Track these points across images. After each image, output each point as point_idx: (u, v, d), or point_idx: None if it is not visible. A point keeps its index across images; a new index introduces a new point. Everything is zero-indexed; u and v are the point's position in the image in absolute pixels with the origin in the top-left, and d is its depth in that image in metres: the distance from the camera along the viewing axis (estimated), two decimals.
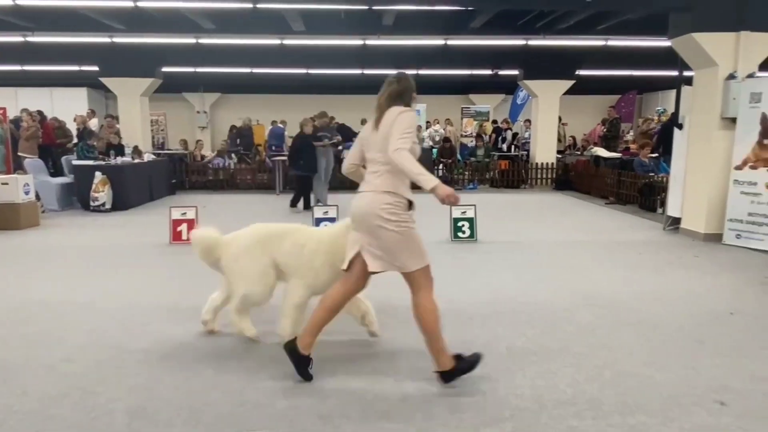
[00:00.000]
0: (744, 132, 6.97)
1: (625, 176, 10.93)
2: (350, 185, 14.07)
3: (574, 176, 13.49)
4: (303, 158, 9.67)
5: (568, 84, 13.80)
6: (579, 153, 15.06)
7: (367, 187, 3.11)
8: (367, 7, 8.48)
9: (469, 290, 5.05)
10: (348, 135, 15.79)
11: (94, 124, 13.99)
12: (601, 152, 13.15)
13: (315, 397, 3.04)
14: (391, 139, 2.93)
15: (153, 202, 11.01)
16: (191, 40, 11.66)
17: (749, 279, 5.47)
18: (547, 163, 14.16)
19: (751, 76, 7.01)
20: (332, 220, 7.24)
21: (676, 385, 3.20)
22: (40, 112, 12.59)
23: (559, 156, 14.72)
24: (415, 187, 3.02)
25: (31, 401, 3.00)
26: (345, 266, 3.26)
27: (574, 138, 17.44)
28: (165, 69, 13.77)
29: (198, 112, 20.44)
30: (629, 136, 15.89)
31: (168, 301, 4.71)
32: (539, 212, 9.99)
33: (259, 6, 8.03)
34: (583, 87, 14.91)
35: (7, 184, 8.11)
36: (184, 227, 7.04)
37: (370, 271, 3.15)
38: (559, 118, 15.17)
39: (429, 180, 2.89)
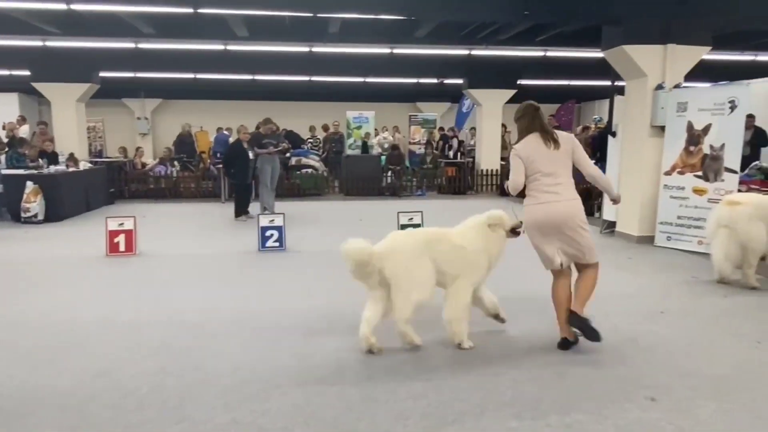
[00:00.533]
0: (672, 139, 7.38)
1: None
2: (298, 193, 13.95)
3: None
4: (235, 166, 9.53)
5: (510, 93, 14.23)
6: None
7: (557, 197, 3.72)
8: (312, 14, 8.45)
9: None
10: (297, 142, 15.72)
11: (24, 131, 13.25)
12: None
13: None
14: (584, 158, 3.81)
15: (90, 213, 10.54)
16: (130, 45, 11.25)
17: (678, 279, 5.78)
18: (492, 170, 14.51)
19: (677, 86, 7.44)
20: (279, 228, 7.15)
21: (610, 382, 3.33)
22: None
23: (504, 163, 15.11)
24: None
25: None
26: (557, 265, 3.81)
27: None
28: (103, 74, 13.24)
29: (138, 118, 19.75)
30: None
31: (102, 317, 4.51)
32: None
33: (200, 11, 7.85)
34: (524, 96, 15.26)
35: None
36: (121, 238, 6.77)
37: (563, 266, 3.81)
38: (503, 126, 15.60)
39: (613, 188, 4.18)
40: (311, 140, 16.27)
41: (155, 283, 5.60)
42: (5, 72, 13.97)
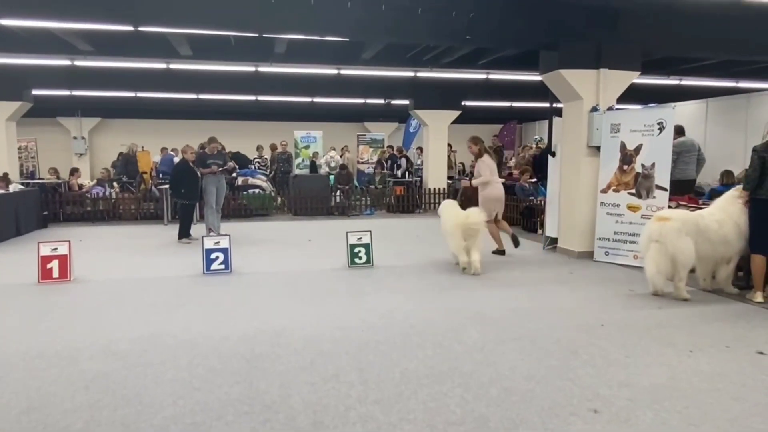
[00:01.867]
0: (607, 159, 7.74)
1: (508, 200, 11.62)
2: (245, 213, 13.78)
3: (464, 200, 14.13)
4: (185, 186, 9.31)
5: (455, 114, 14.58)
6: (467, 178, 15.85)
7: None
8: (257, 35, 8.40)
9: (363, 316, 5.07)
10: (243, 162, 15.48)
11: None
12: None
13: None
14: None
15: (20, 237, 9.95)
16: (66, 62, 10.83)
17: (616, 292, 6.02)
18: (439, 188, 14.76)
19: (610, 108, 7.84)
20: (224, 250, 6.97)
21: (554, 396, 3.40)
22: None
23: (450, 181, 15.41)
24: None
25: None
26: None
27: (463, 164, 18.37)
28: (36, 92, 12.65)
29: (75, 137, 18.94)
30: (512, 163, 17.03)
31: (30, 348, 4.23)
32: (432, 236, 10.32)
33: (141, 29, 7.65)
34: (469, 116, 15.82)
35: None
36: (54, 264, 6.42)
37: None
38: (449, 146, 15.93)
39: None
40: (258, 160, 16.07)
41: (91, 310, 5.32)
42: None
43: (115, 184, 13.94)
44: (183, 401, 3.33)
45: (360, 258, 7.34)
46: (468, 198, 8.84)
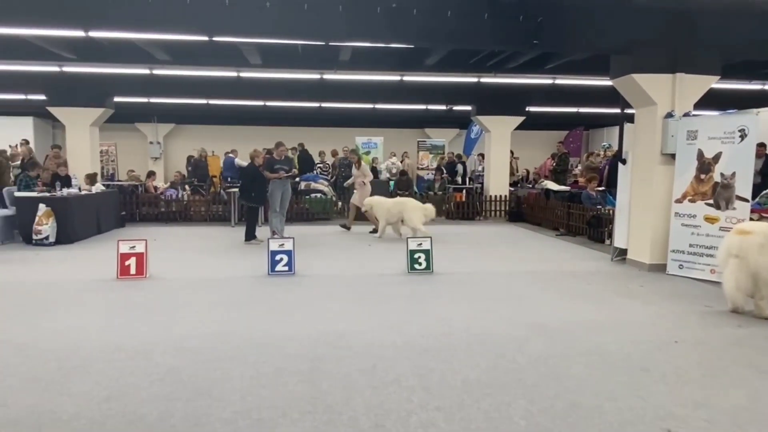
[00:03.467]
0: (682, 167, 7.36)
1: (574, 209, 11.31)
2: (307, 217, 14.04)
3: (527, 208, 13.87)
4: (255, 190, 9.64)
5: (518, 120, 14.32)
6: (531, 186, 15.52)
7: None
8: (324, 43, 8.60)
9: (423, 322, 5.06)
10: (309, 162, 15.90)
11: (24, 154, 13.39)
12: (551, 185, 13.61)
13: None
14: None
15: (101, 235, 10.62)
16: (145, 71, 11.51)
17: (691, 308, 5.70)
18: (500, 196, 14.52)
19: (687, 114, 7.46)
20: (288, 252, 7.17)
21: (624, 414, 3.26)
22: None
23: (512, 189, 15.13)
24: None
25: None
26: None
27: (527, 171, 17.99)
28: (117, 99, 13.49)
29: (151, 142, 20.03)
30: (577, 170, 16.53)
31: (111, 341, 4.51)
32: (493, 243, 10.18)
33: (215, 39, 8.02)
34: (533, 122, 15.50)
35: None
36: (132, 261, 6.80)
37: None
38: (511, 152, 15.66)
39: None
40: (321, 165, 16.40)
41: (164, 306, 5.60)
42: (21, 96, 14.27)
43: (186, 186, 14.61)
44: (251, 397, 3.44)
45: (420, 264, 7.33)
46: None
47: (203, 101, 15.43)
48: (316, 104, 15.95)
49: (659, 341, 4.60)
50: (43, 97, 12.98)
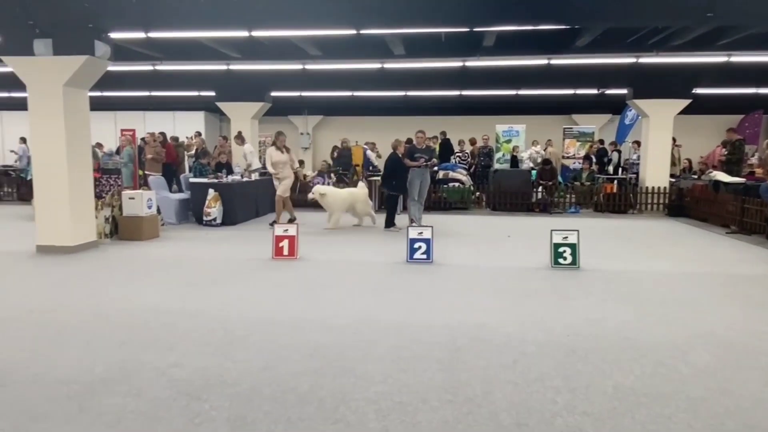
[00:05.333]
0: None
1: (749, 203, 9.90)
2: (444, 206, 14.04)
3: (690, 202, 12.45)
4: (396, 178, 9.85)
5: (683, 103, 12.85)
6: (696, 177, 13.90)
7: None
8: (468, 29, 8.47)
9: (569, 321, 4.78)
10: (449, 149, 15.90)
11: (197, 145, 15.09)
12: (722, 177, 12.02)
13: None
14: None
15: (258, 219, 11.64)
16: (298, 66, 12.32)
17: None
18: (658, 188, 13.21)
19: None
20: (427, 241, 7.23)
21: None
22: (162, 134, 13.85)
23: (673, 180, 13.69)
24: None
25: (143, 403, 3.23)
26: None
27: (689, 161, 16.16)
28: (274, 93, 14.64)
29: (302, 133, 21.46)
30: (754, 160, 14.44)
31: (268, 315, 4.91)
32: (649, 240, 9.31)
33: (362, 32, 8.31)
34: (699, 106, 13.83)
35: (133, 199, 8.95)
36: (285, 243, 7.35)
37: None
38: (673, 139, 14.15)
39: None
40: (459, 154, 16.28)
41: (312, 286, 5.97)
42: (194, 93, 16.11)
43: (332, 174, 15.41)
44: (391, 380, 3.53)
45: (564, 258, 6.94)
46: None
47: (349, 93, 16.12)
48: (456, 92, 15.83)
49: None
50: (212, 93, 14.53)
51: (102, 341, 4.24)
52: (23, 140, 15.95)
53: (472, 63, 11.85)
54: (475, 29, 8.42)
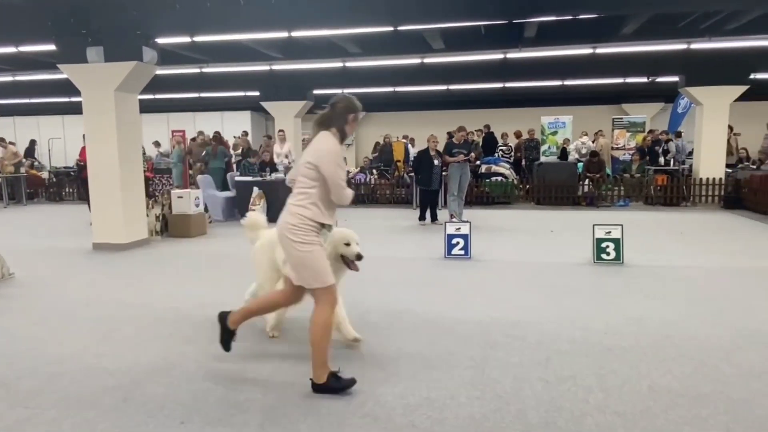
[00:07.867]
0: None
1: None
2: (487, 200, 13.89)
3: (748, 193, 11.83)
4: (421, 173, 10.08)
5: (739, 90, 12.21)
6: (755, 167, 13.19)
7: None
8: (507, 21, 8.34)
9: (608, 318, 4.67)
10: (492, 147, 15.70)
11: (244, 144, 15.44)
12: None
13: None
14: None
15: None
16: (338, 64, 12.45)
17: None
18: (713, 179, 12.62)
19: None
20: (465, 236, 7.20)
21: None
22: (217, 133, 14.26)
23: (729, 170, 13.04)
24: None
25: (184, 392, 3.39)
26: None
27: (746, 150, 15.34)
28: (315, 91, 14.85)
29: None
30: None
31: (302, 312, 5.00)
32: (701, 234, 8.92)
33: (400, 28, 8.32)
34: (758, 92, 13.10)
35: (181, 197, 9.31)
36: None
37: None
38: (730, 128, 13.46)
39: None
40: (503, 147, 16.04)
41: (347, 281, 6.03)
42: (240, 93, 16.54)
43: (374, 170, 15.52)
44: (421, 375, 3.56)
45: (608, 254, 6.76)
46: None
47: (390, 89, 16.15)
48: (499, 85, 15.59)
49: None
50: (257, 94, 14.89)
51: (149, 334, 4.46)
52: (157, 144, 16.94)
53: (514, 54, 11.64)
54: (514, 21, 8.26)
